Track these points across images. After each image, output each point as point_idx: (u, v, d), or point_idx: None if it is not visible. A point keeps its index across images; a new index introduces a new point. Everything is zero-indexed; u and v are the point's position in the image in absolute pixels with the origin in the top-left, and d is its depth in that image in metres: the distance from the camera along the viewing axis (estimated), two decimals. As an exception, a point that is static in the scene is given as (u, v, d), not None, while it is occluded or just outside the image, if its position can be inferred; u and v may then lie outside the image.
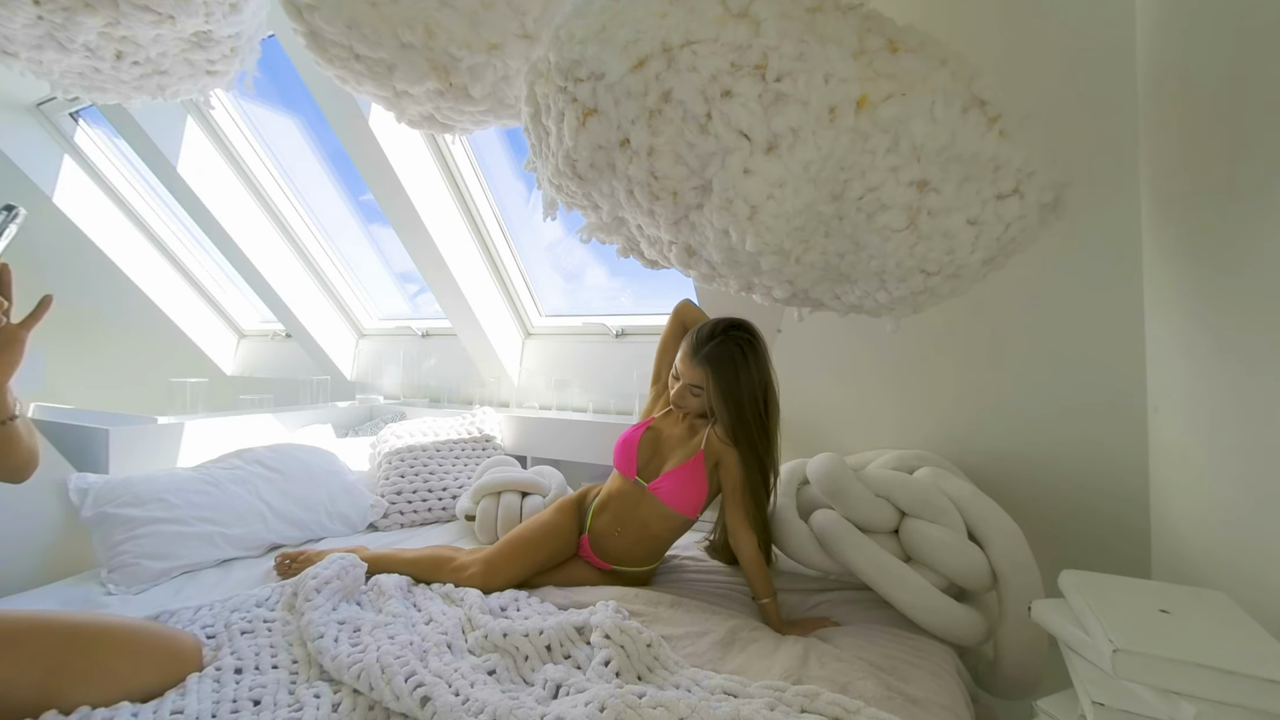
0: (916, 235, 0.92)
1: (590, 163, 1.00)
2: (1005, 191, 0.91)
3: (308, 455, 1.91)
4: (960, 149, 0.87)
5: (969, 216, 0.90)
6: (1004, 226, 0.92)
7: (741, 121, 0.86)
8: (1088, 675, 0.80)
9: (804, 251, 1.00)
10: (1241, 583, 0.95)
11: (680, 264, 1.13)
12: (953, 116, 0.86)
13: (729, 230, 0.95)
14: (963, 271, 0.96)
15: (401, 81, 1.16)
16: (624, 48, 0.88)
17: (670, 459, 1.46)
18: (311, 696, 0.99)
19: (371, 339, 3.16)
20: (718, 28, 0.86)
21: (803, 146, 0.86)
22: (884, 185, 0.89)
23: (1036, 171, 0.91)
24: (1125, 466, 1.42)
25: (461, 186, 2.28)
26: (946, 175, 0.89)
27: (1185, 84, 1.04)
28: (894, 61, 0.89)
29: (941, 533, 1.29)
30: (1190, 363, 1.14)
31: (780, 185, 0.88)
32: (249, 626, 1.20)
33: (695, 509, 1.44)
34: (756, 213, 0.90)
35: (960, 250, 0.92)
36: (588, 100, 0.94)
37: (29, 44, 1.24)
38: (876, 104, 0.86)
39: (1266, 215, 0.86)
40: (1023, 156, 0.89)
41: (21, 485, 0.96)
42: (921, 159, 0.88)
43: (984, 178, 0.90)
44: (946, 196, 0.89)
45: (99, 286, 3.40)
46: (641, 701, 0.90)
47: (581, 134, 0.97)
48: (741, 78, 0.85)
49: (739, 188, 0.89)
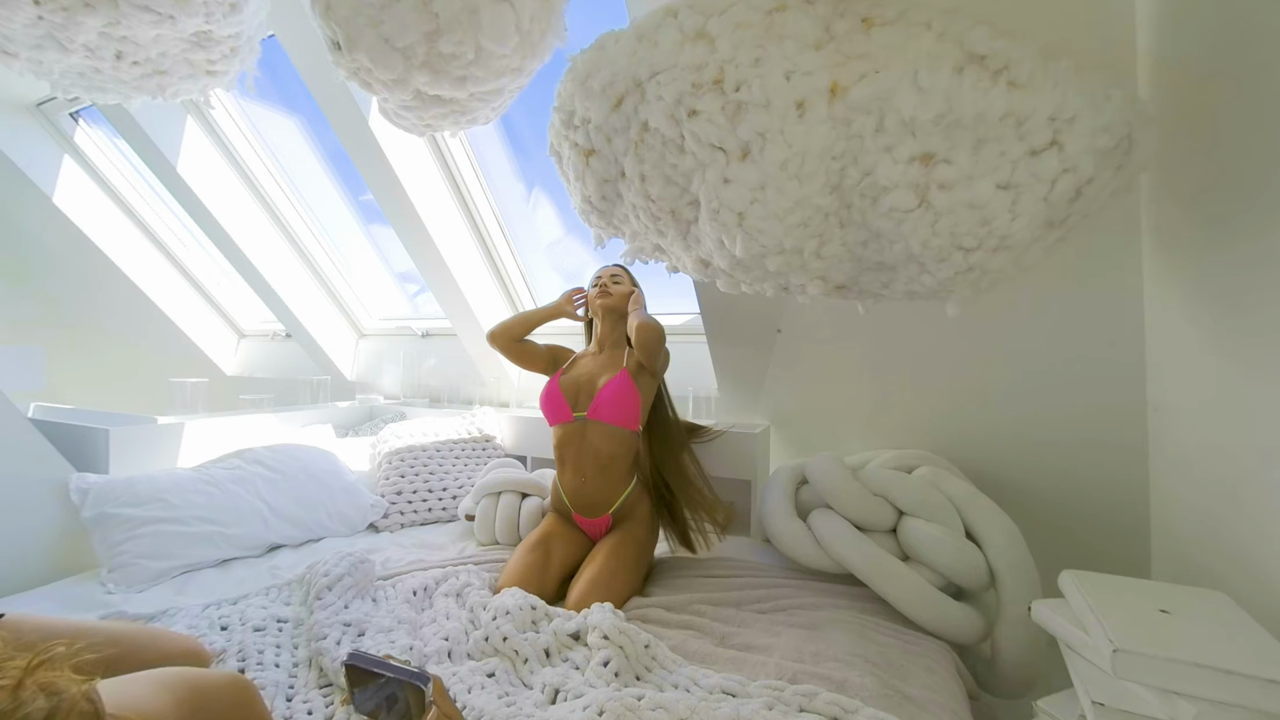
0: (933, 212, 0.87)
1: (601, 195, 1.13)
2: (1039, 146, 0.81)
3: (308, 455, 1.91)
4: (961, 113, 0.81)
5: (998, 181, 0.83)
6: (1048, 185, 0.82)
7: (711, 136, 0.90)
8: (1088, 675, 0.80)
9: (820, 246, 0.98)
10: (1241, 583, 0.95)
11: (699, 275, 1.19)
12: (943, 81, 0.81)
13: (722, 239, 0.99)
14: (1010, 242, 0.87)
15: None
16: (602, 91, 0.98)
17: (598, 383, 1.60)
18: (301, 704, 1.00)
19: (371, 339, 3.16)
20: (676, 53, 0.90)
21: (773, 147, 0.87)
22: (878, 167, 0.86)
23: (1079, 115, 0.80)
24: (1125, 466, 1.42)
25: (461, 186, 2.28)
26: (954, 143, 0.83)
27: (1186, 81, 1.04)
28: (867, 40, 0.86)
29: (939, 531, 1.29)
30: (1190, 363, 1.13)
31: (761, 188, 0.90)
32: (261, 624, 1.20)
33: (635, 419, 1.59)
34: (744, 218, 0.93)
35: (997, 219, 0.85)
36: (585, 143, 1.07)
37: (29, 44, 1.24)
38: (848, 88, 0.84)
39: (1268, 215, 0.86)
40: (1052, 103, 0.80)
41: (22, 485, 0.95)
42: (917, 133, 0.84)
43: (1005, 137, 0.82)
44: (961, 165, 0.83)
45: (99, 286, 3.40)
46: (640, 704, 0.90)
47: (587, 172, 1.11)
48: (703, 95, 0.88)
49: (722, 197, 0.93)
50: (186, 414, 2.16)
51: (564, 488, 1.62)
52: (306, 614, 1.25)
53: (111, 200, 3.22)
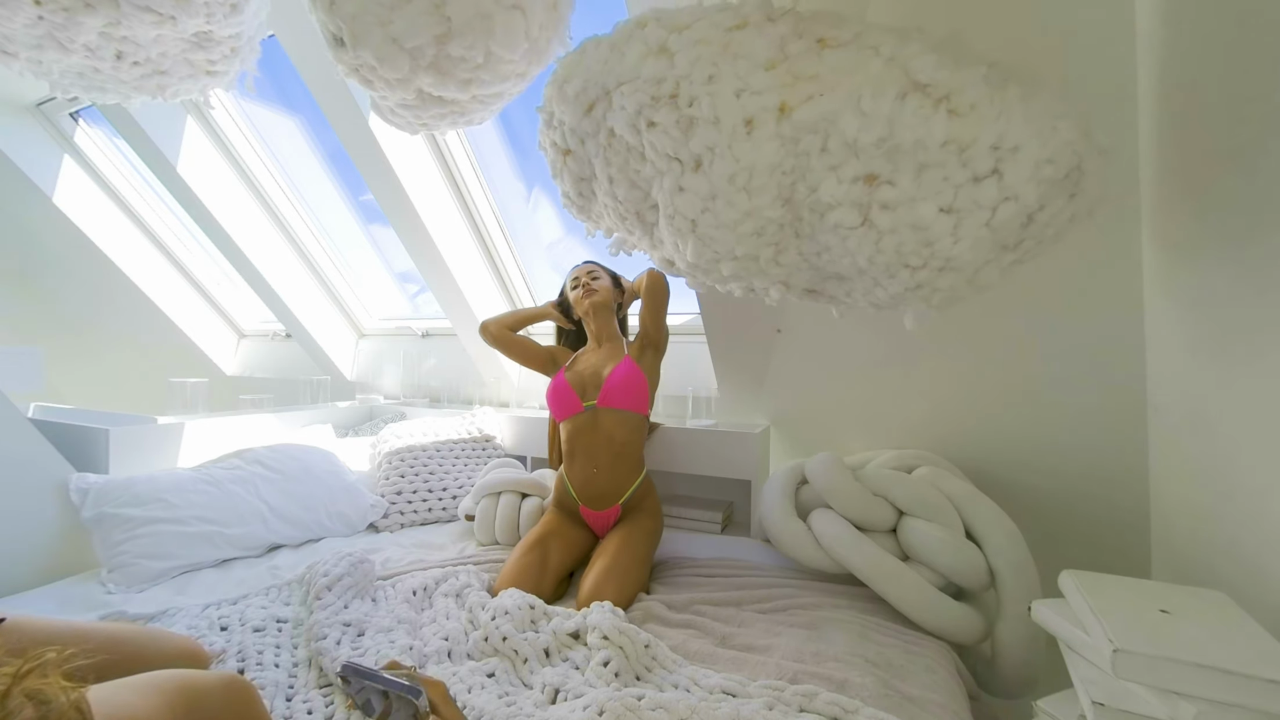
0: (876, 231, 0.89)
1: (579, 192, 1.19)
2: (982, 174, 0.83)
3: (308, 455, 1.91)
4: (901, 138, 0.83)
5: (941, 205, 0.85)
6: (990, 211, 0.84)
7: (667, 147, 0.95)
8: (1088, 675, 0.80)
9: (777, 254, 1.03)
10: (1241, 583, 0.95)
11: (669, 272, 1.24)
12: (885, 106, 0.83)
13: (678, 243, 1.04)
14: (956, 264, 0.89)
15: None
16: (575, 97, 1.03)
17: (603, 373, 1.64)
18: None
19: (371, 339, 3.16)
20: (639, 66, 0.94)
21: (721, 161, 0.91)
22: (823, 184, 0.89)
23: (1022, 146, 0.81)
24: (1125, 466, 1.42)
25: (461, 186, 2.28)
26: (897, 166, 0.85)
27: (1185, 79, 1.04)
28: (818, 61, 0.88)
29: (939, 531, 1.29)
30: (1190, 362, 1.14)
31: (712, 199, 0.95)
32: (261, 624, 1.20)
33: (644, 402, 1.62)
34: (696, 225, 0.99)
35: (940, 242, 0.87)
36: (562, 143, 1.13)
37: (29, 44, 1.24)
38: (795, 108, 0.87)
39: (1268, 216, 0.86)
40: (995, 133, 0.81)
41: (22, 485, 0.95)
42: (860, 154, 0.86)
43: (948, 163, 0.83)
44: (904, 188, 0.85)
45: (99, 286, 3.39)
46: (641, 704, 0.90)
47: (565, 170, 1.17)
48: (661, 108, 0.93)
49: (676, 204, 0.98)
50: (186, 414, 2.16)
51: (572, 481, 1.62)
52: (306, 614, 1.25)
53: (111, 200, 3.22)
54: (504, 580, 1.42)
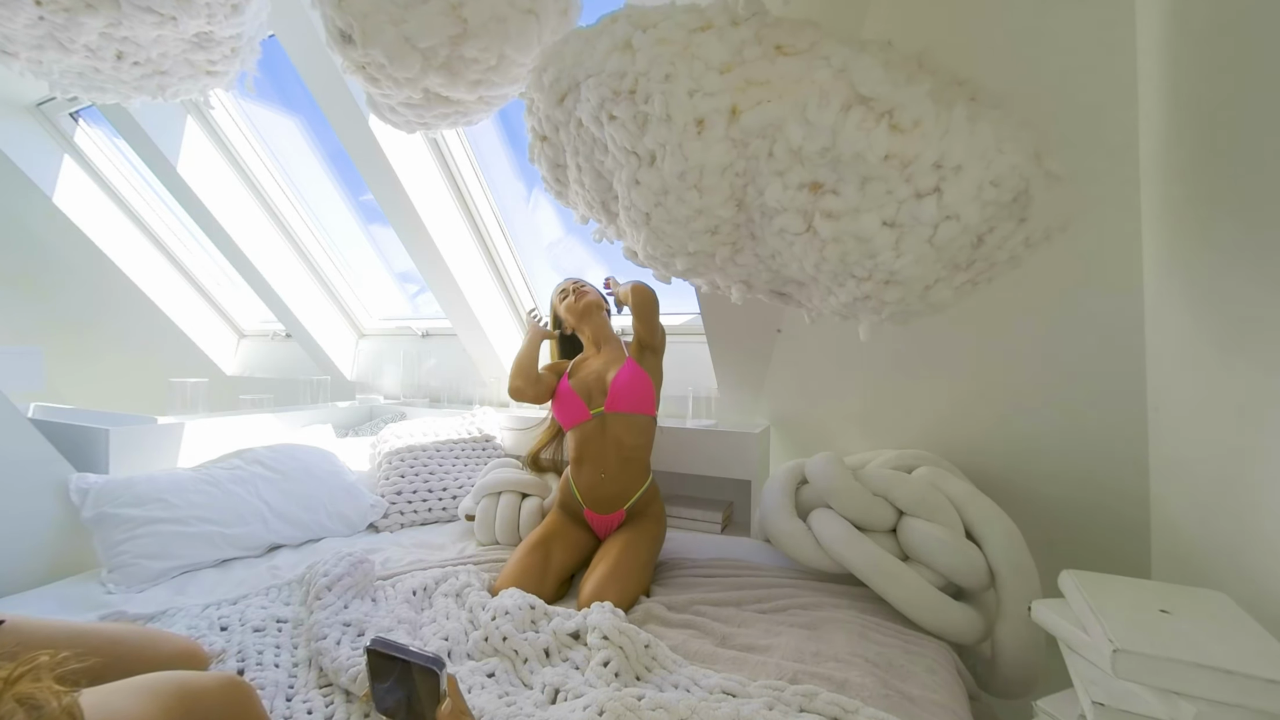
0: (820, 239, 0.89)
1: (555, 177, 1.21)
2: (924, 191, 0.82)
3: (308, 455, 1.91)
4: (842, 150, 0.83)
5: (884, 218, 0.84)
6: (931, 229, 0.83)
7: (625, 141, 0.97)
8: (1088, 675, 0.80)
9: (734, 253, 1.04)
10: (1241, 583, 0.95)
11: (632, 260, 1.24)
12: (830, 117, 0.83)
13: (633, 234, 1.07)
14: (899, 278, 0.88)
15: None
16: (550, 86, 1.06)
17: (607, 378, 1.64)
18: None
19: (371, 339, 3.16)
20: (605, 60, 0.95)
21: (672, 159, 0.92)
22: (769, 189, 0.90)
23: (964, 166, 0.80)
24: (1125, 466, 1.42)
25: (461, 186, 2.28)
26: (841, 176, 0.85)
27: (1185, 83, 1.04)
28: (772, 67, 0.89)
29: (939, 531, 1.29)
30: (1190, 363, 1.14)
31: (664, 194, 0.96)
32: (261, 624, 1.20)
33: (651, 403, 1.64)
34: (650, 219, 1.00)
35: (882, 255, 0.86)
36: (539, 129, 1.16)
37: (29, 44, 1.24)
38: (743, 112, 0.88)
39: (1268, 216, 0.86)
40: (938, 151, 0.80)
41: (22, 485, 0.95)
42: (804, 162, 0.86)
43: (891, 177, 0.82)
44: (848, 198, 0.85)
45: (99, 286, 3.39)
46: (641, 704, 0.90)
47: (541, 155, 1.20)
48: (620, 102, 0.95)
49: (632, 197, 1.00)
50: (186, 414, 2.16)
51: (579, 485, 1.63)
52: (306, 614, 1.25)
53: (111, 200, 3.21)
54: (506, 580, 1.42)
